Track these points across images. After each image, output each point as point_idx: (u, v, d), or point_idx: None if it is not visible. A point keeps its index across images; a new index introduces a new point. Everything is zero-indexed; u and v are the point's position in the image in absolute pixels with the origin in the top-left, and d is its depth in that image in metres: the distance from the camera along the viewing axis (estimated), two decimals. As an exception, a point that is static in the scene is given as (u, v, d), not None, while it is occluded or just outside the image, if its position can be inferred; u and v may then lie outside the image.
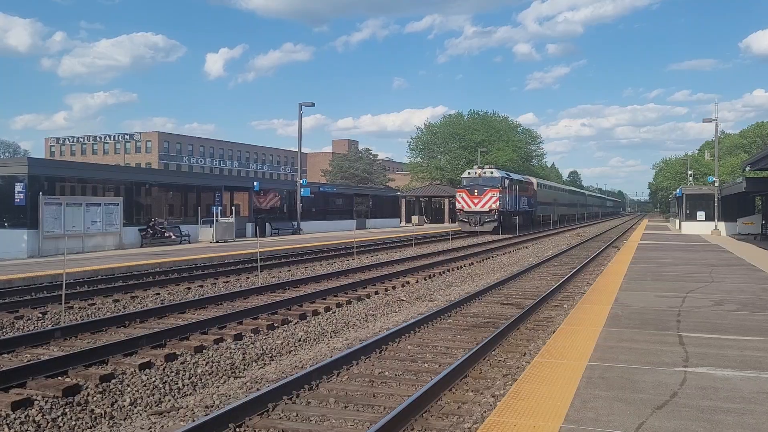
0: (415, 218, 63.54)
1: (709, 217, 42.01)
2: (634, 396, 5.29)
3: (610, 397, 5.25)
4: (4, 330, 10.52)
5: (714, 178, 43.33)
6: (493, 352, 9.00)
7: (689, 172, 71.82)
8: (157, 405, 7.03)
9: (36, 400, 6.77)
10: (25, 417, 6.38)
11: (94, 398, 7.02)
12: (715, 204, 40.95)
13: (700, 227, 41.51)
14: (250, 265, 19.56)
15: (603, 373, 6.02)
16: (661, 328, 8.22)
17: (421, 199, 69.17)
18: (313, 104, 40.77)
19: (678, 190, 53.09)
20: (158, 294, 14.40)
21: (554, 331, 8.76)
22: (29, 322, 11.19)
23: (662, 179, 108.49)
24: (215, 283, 16.33)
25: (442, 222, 66.87)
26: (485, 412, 6.41)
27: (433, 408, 6.56)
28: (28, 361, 8.31)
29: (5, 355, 8.72)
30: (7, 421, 6.27)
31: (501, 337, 9.74)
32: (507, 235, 41.34)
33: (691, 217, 44.57)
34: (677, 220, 51.37)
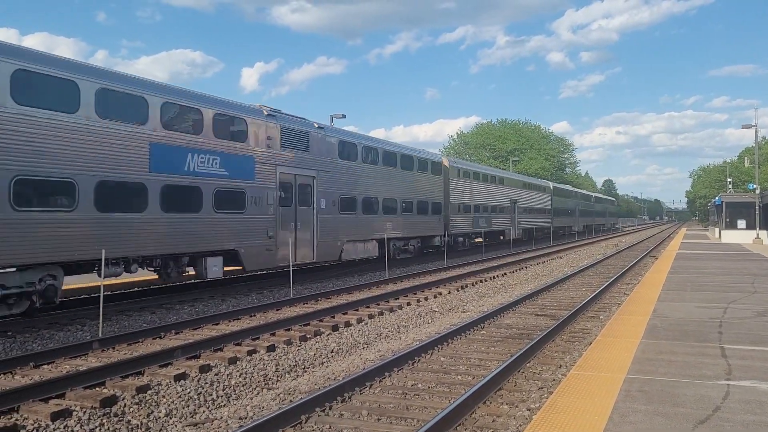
0: None
1: (750, 226, 40.89)
2: (674, 410, 5.14)
3: (649, 411, 5.11)
4: (44, 341, 10.75)
5: (755, 186, 42.23)
6: (527, 364, 8.86)
7: (729, 180, 70.17)
8: (192, 416, 7.09)
9: (74, 410, 6.89)
10: (64, 428, 6.49)
11: (131, 409, 7.11)
12: (756, 212, 39.87)
13: (740, 236, 40.42)
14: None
15: (642, 386, 5.88)
16: (701, 340, 8.00)
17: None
18: (344, 116, 40.86)
19: (717, 198, 51.86)
20: (193, 305, 14.58)
21: (591, 343, 8.60)
22: (69, 333, 11.42)
23: (700, 187, 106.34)
24: (249, 295, 16.48)
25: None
26: (520, 425, 6.31)
27: (467, 421, 6.48)
28: (67, 372, 8.47)
29: (45, 366, 8.90)
30: (47, 432, 6.39)
31: (536, 348, 9.60)
32: (540, 245, 41.24)
33: (731, 225, 43.45)
34: (717, 229, 50.18)
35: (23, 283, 11.27)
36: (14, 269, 11.10)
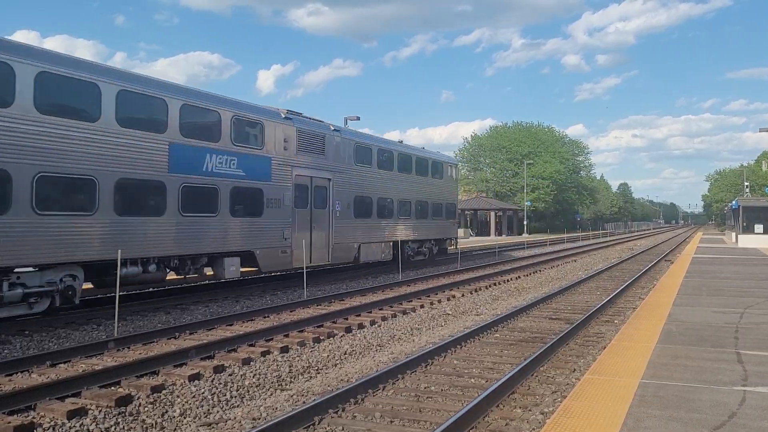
0: (461, 231, 63.14)
1: (768, 230, 40.36)
2: (689, 416, 5.10)
3: (664, 417, 5.07)
4: (61, 341, 10.86)
5: (772, 189, 41.71)
6: (541, 368, 8.82)
7: (746, 184, 69.41)
8: (206, 416, 7.13)
9: (90, 409, 6.96)
10: (80, 426, 6.55)
11: (146, 408, 7.16)
12: (774, 216, 39.35)
13: (758, 240, 39.90)
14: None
15: (657, 391, 5.84)
16: (717, 345, 7.93)
17: (467, 212, 68.72)
18: (358, 118, 40.83)
19: (734, 202, 51.24)
20: (207, 306, 14.66)
21: (605, 347, 8.55)
22: (85, 332, 11.53)
23: (717, 191, 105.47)
24: (262, 296, 16.54)
25: (488, 235, 66.27)
26: (534, 429, 6.29)
27: (480, 424, 6.47)
28: (83, 371, 8.55)
29: (62, 365, 8.99)
30: (63, 430, 6.46)
31: (549, 352, 9.55)
32: (555, 248, 41.16)
33: (749, 229, 42.85)
34: (733, 233, 49.55)
35: None
36: None
